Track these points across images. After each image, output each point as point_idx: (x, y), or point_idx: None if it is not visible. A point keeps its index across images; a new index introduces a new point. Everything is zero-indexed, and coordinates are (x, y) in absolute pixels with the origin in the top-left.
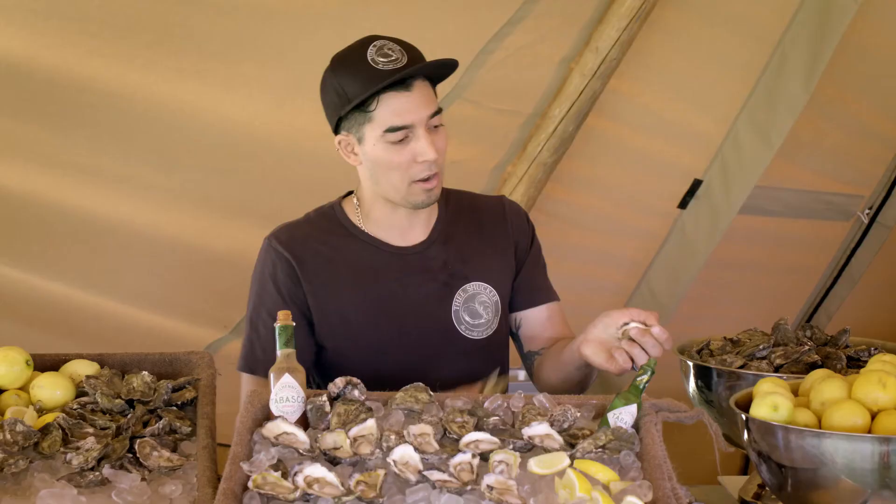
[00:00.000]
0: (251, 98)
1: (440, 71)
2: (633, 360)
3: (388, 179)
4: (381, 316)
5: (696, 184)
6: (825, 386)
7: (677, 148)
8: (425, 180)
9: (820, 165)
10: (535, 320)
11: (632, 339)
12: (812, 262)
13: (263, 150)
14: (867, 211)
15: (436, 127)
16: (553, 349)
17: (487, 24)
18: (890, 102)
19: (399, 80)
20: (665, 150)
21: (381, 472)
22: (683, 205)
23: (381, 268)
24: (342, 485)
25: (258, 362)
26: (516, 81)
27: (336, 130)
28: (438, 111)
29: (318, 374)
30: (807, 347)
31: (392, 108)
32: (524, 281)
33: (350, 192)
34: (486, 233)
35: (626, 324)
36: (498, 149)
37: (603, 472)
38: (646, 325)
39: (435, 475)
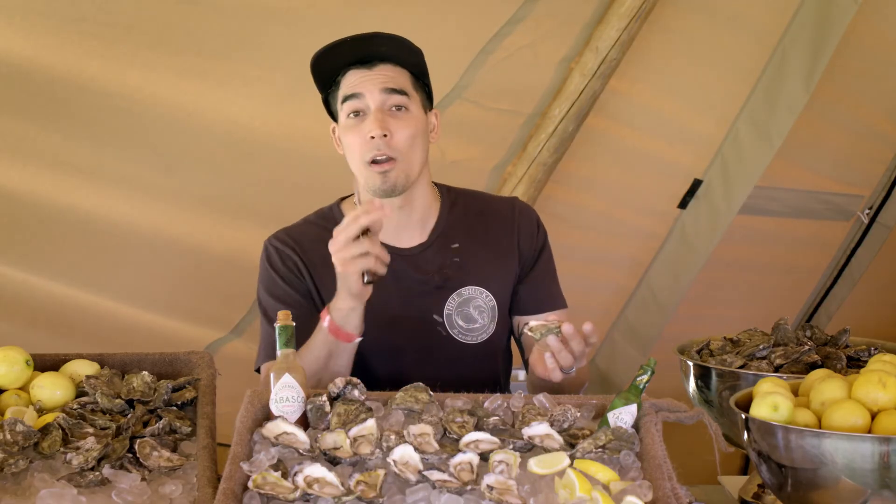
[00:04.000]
0: (251, 98)
1: (403, 54)
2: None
3: (353, 164)
4: (371, 315)
5: (696, 184)
6: (825, 386)
7: (677, 148)
8: (377, 163)
9: (820, 165)
10: None
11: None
12: (812, 262)
13: (263, 150)
14: (867, 211)
15: (398, 110)
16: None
17: (487, 24)
18: (890, 102)
19: (364, 60)
20: (665, 150)
21: (381, 472)
22: (683, 205)
23: None
24: (342, 485)
25: None
26: (516, 81)
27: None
28: (400, 92)
29: None
30: (807, 347)
31: (349, 81)
32: (531, 287)
33: (353, 194)
34: (490, 237)
35: (527, 324)
36: (498, 149)
37: (603, 472)
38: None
39: (435, 475)
